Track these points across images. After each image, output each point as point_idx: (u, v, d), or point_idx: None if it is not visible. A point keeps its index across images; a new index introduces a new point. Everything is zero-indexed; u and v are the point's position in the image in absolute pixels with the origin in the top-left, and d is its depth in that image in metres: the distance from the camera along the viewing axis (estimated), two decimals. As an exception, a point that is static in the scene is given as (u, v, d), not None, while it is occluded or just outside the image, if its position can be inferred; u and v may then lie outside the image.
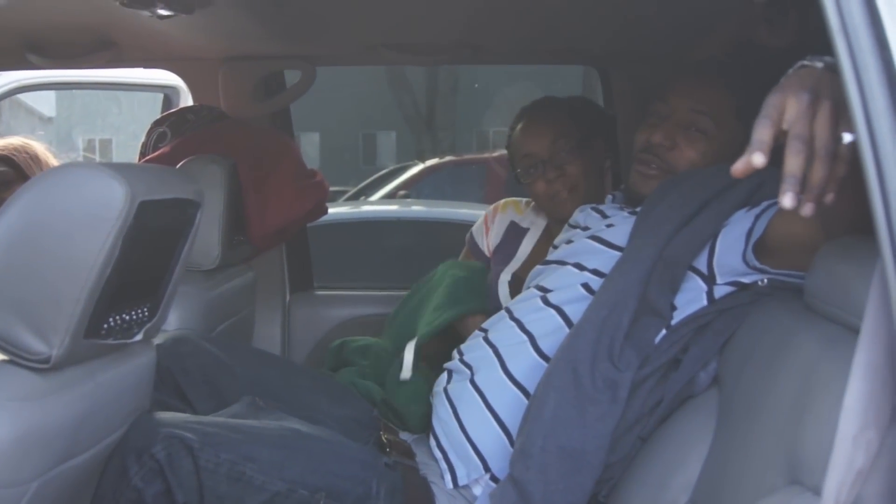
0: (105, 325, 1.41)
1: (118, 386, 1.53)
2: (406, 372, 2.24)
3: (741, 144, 1.93)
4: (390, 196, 9.66)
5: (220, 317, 2.41)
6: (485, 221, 2.65)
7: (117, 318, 1.44)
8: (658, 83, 2.14)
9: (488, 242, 2.61)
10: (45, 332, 1.31)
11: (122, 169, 1.34)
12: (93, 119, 21.63)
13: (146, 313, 1.53)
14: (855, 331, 1.09)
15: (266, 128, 2.78)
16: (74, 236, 1.30)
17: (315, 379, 2.21)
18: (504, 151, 2.65)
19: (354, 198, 10.14)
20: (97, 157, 22.37)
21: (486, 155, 11.49)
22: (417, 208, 6.98)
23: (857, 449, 1.05)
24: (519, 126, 2.48)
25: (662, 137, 1.98)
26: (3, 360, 1.33)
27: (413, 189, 9.75)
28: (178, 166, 2.30)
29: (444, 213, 5.91)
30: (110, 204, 1.30)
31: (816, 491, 1.10)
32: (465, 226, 5.20)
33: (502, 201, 2.68)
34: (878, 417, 1.05)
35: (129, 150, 21.16)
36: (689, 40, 2.33)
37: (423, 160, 11.84)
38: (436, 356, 2.29)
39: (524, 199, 2.63)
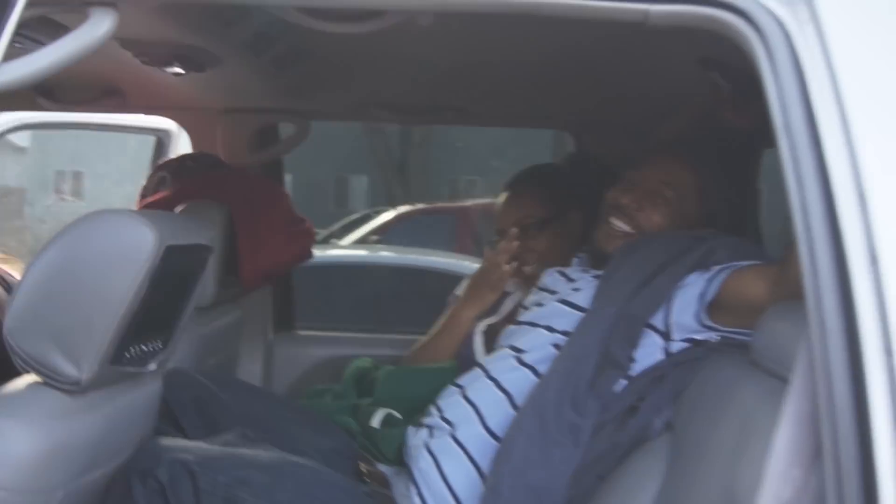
0: (126, 355, 1.57)
1: (131, 410, 1.70)
2: (375, 422, 2.38)
3: (700, 216, 2.15)
4: (362, 241, 9.81)
5: (210, 352, 2.57)
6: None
7: (136, 348, 1.61)
8: (626, 150, 2.34)
9: None
10: (77, 358, 1.47)
11: (152, 216, 1.52)
12: (66, 152, 21.67)
13: (160, 346, 1.69)
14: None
15: (260, 176, 2.96)
16: (109, 274, 1.47)
17: (298, 412, 2.36)
18: (476, 201, 2.82)
19: (325, 241, 10.26)
20: (68, 189, 22.36)
21: (458, 204, 11.68)
22: (390, 254, 7.13)
23: (785, 484, 1.24)
24: (501, 198, 2.65)
25: (631, 200, 2.18)
26: (38, 382, 1.50)
27: (385, 235, 9.91)
28: (177, 209, 2.46)
29: (417, 260, 6.08)
30: (141, 247, 1.48)
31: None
32: (439, 274, 5.36)
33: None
34: (802, 457, 1.24)
35: (102, 182, 21.22)
36: (658, 114, 2.53)
37: (394, 206, 12.01)
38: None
39: None
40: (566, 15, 1.36)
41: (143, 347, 1.64)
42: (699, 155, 2.21)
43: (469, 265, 5.15)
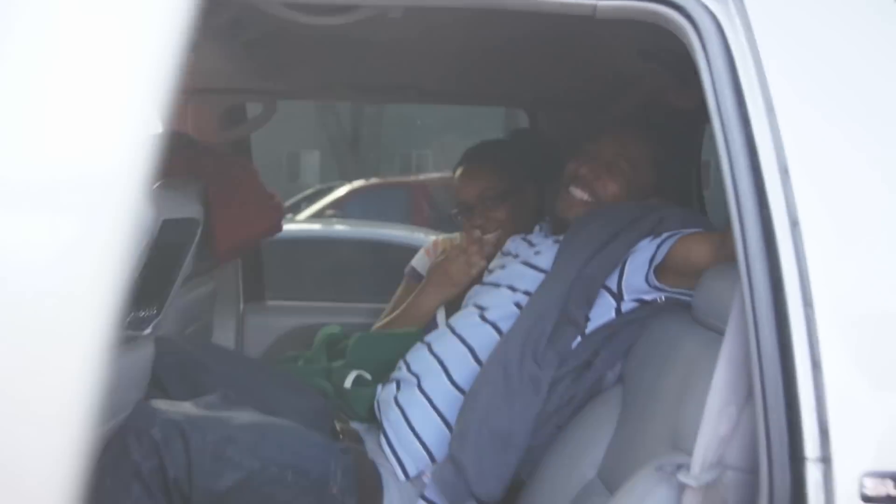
0: (127, 319, 1.72)
1: (128, 372, 1.84)
2: (347, 384, 2.54)
3: (652, 186, 2.32)
4: (318, 216, 9.92)
5: (187, 321, 2.71)
6: (426, 254, 2.98)
7: (133, 314, 1.76)
8: (578, 127, 2.51)
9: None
10: None
11: (149, 193, 1.66)
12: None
13: (155, 311, 1.84)
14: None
15: (231, 153, 3.09)
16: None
17: (276, 375, 2.51)
18: (429, 175, 2.97)
19: (281, 216, 10.28)
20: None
21: (412, 178, 11.80)
22: (348, 228, 7.25)
23: (721, 420, 1.42)
24: (458, 172, 2.81)
25: (589, 170, 2.35)
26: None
27: (341, 209, 10.03)
28: (157, 186, 2.59)
29: (375, 233, 6.21)
30: (141, 221, 1.62)
31: (690, 453, 1.46)
32: (397, 246, 5.49)
33: (441, 238, 3.02)
34: (737, 396, 1.42)
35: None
36: (608, 94, 2.70)
37: (348, 181, 12.10)
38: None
39: (456, 236, 2.96)
40: (523, 8, 1.51)
41: (140, 313, 1.78)
42: (651, 130, 2.39)
43: (425, 237, 5.30)
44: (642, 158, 2.34)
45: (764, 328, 1.33)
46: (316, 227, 7.84)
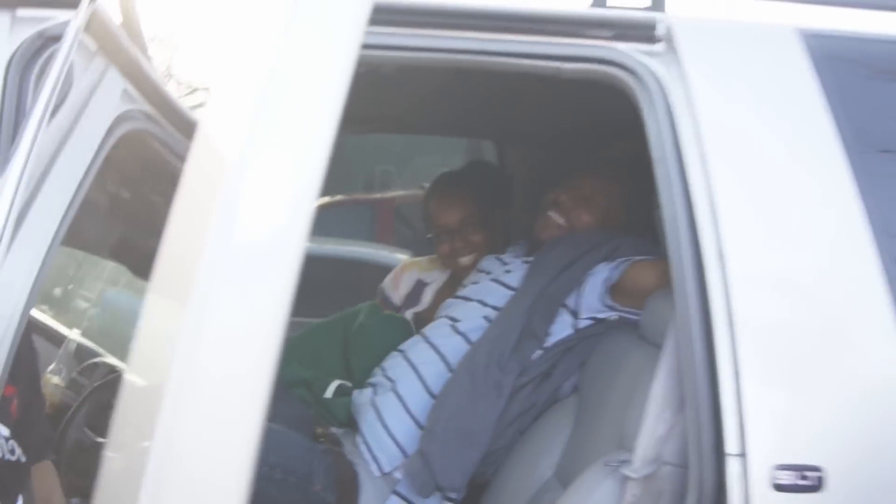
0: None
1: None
2: (329, 393, 2.77)
3: (622, 225, 2.55)
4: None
5: None
6: (395, 278, 3.19)
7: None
8: (546, 163, 2.74)
9: (399, 294, 3.14)
10: None
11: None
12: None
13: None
14: (665, 351, 1.72)
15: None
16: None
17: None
18: (394, 193, 3.17)
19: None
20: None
21: (376, 195, 11.90)
22: (312, 245, 7.34)
23: (659, 423, 1.68)
24: (433, 200, 2.98)
25: (568, 199, 2.60)
26: None
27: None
28: None
29: (339, 250, 6.36)
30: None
31: (633, 451, 1.71)
32: (360, 264, 5.61)
33: (408, 262, 3.25)
34: (672, 402, 1.67)
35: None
36: (577, 136, 2.94)
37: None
38: None
39: (424, 259, 3.19)
40: (499, 70, 1.77)
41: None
42: (628, 175, 2.63)
43: (390, 255, 5.46)
44: (617, 198, 2.58)
45: (695, 345, 1.59)
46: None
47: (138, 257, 2.49)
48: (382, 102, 2.87)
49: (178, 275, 1.17)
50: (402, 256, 5.06)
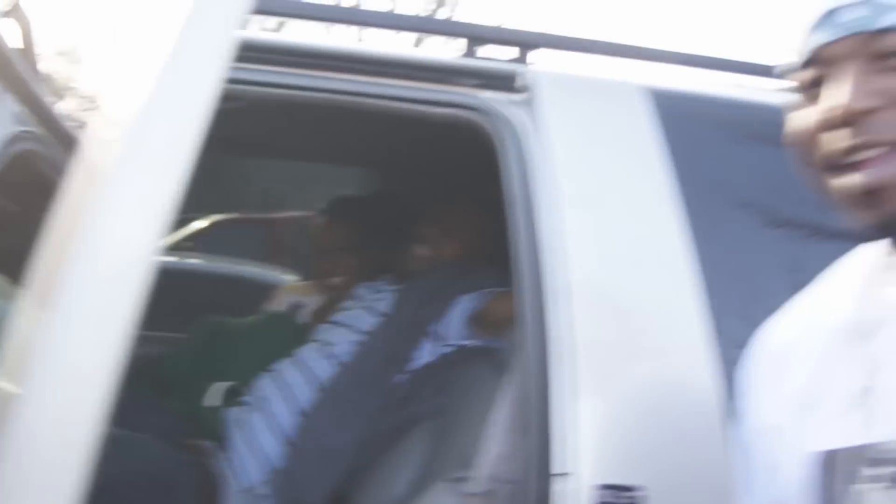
0: None
1: None
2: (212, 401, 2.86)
3: (487, 255, 2.67)
4: (175, 248, 9.97)
5: None
6: (275, 300, 3.32)
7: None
8: (427, 193, 2.89)
9: None
10: None
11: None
12: None
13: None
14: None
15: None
16: None
17: (135, 394, 2.80)
18: (285, 213, 3.29)
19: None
20: None
21: (268, 215, 11.90)
22: (203, 262, 7.34)
23: (498, 443, 1.81)
24: (318, 220, 3.14)
25: (434, 231, 2.73)
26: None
27: (197, 242, 10.10)
28: None
29: (230, 269, 6.39)
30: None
31: (473, 469, 1.84)
32: (247, 283, 5.63)
33: (290, 285, 3.39)
34: (511, 425, 1.81)
35: None
36: (441, 171, 3.09)
37: (206, 214, 12.13)
38: None
39: (305, 283, 3.31)
40: (375, 112, 1.89)
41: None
42: (488, 206, 2.78)
43: (279, 276, 5.50)
44: (481, 230, 2.73)
45: (532, 374, 1.72)
46: (170, 259, 7.91)
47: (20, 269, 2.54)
48: (270, 131, 2.98)
49: (45, 285, 1.26)
50: (291, 278, 5.12)
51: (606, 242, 1.81)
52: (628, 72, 2.05)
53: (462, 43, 2.02)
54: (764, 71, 2.10)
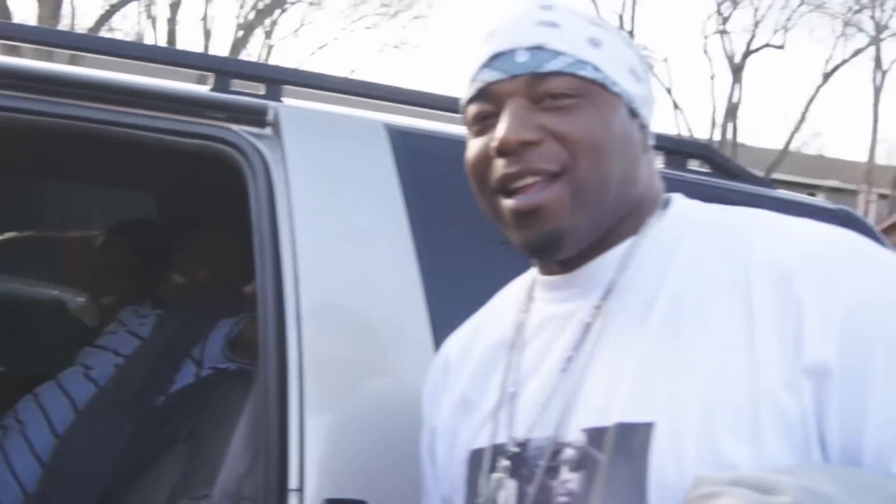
0: None
1: None
2: None
3: (237, 276, 2.74)
4: (-38, 265, 9.55)
5: None
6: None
7: None
8: (195, 218, 2.94)
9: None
10: None
11: None
12: None
13: None
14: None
15: None
16: None
17: None
18: (79, 232, 3.28)
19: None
20: None
21: (63, 234, 11.54)
22: None
23: (239, 461, 1.89)
24: (100, 242, 3.15)
25: (187, 258, 2.80)
26: None
27: (-12, 261, 9.70)
28: None
29: (20, 290, 6.18)
30: None
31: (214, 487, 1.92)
32: (41, 305, 5.46)
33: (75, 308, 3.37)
34: (252, 443, 1.89)
35: None
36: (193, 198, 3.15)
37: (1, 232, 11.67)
38: None
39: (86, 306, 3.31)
40: (124, 140, 1.95)
41: None
42: (241, 231, 2.86)
43: (71, 298, 5.37)
44: (232, 253, 2.80)
45: (271, 393, 1.81)
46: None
47: None
48: (49, 154, 2.97)
49: None
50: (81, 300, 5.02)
51: (342, 268, 1.92)
52: (374, 110, 2.18)
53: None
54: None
